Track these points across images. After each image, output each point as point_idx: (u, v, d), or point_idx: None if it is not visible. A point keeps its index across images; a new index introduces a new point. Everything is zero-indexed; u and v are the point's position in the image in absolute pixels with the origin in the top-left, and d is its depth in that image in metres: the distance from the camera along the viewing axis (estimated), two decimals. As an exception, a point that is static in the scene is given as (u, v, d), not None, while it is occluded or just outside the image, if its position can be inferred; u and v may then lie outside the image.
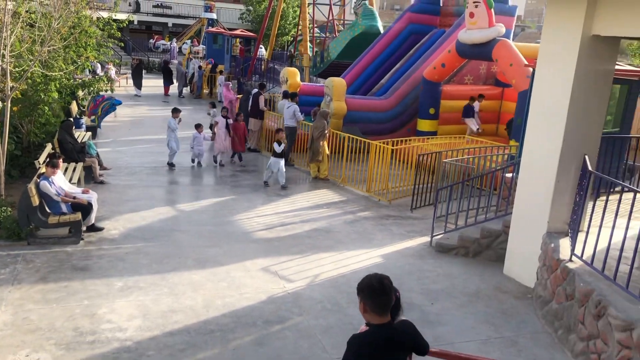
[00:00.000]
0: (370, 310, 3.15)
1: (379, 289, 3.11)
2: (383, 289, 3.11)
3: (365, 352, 3.12)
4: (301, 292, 7.48)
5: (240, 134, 14.23)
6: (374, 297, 3.12)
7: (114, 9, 14.15)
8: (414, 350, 3.37)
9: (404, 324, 3.36)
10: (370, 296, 3.12)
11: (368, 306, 3.14)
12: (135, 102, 23.52)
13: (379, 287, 3.12)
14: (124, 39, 16.12)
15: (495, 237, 9.01)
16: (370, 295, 3.13)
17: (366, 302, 3.14)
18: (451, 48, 14.93)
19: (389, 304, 3.15)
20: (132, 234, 9.10)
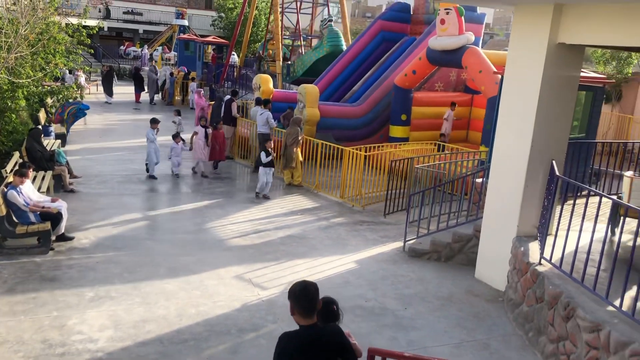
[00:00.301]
0: (296, 312, 3.49)
1: (303, 295, 3.47)
2: (306, 294, 3.47)
3: (291, 347, 3.44)
4: (275, 299, 7.47)
5: (220, 142, 14.06)
6: (298, 301, 3.47)
7: (83, 15, 13.97)
8: (341, 356, 3.58)
9: (332, 328, 3.68)
10: (296, 300, 3.48)
11: (295, 309, 3.50)
12: (106, 110, 23.22)
13: (301, 293, 3.48)
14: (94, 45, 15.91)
15: (467, 241, 9.14)
16: (295, 299, 3.48)
17: (293, 305, 3.50)
18: (422, 55, 15.13)
19: (313, 308, 3.49)
20: (103, 243, 8.97)
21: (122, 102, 25.43)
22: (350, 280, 8.24)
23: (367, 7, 75.98)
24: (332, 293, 7.66)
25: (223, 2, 43.54)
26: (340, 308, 4.00)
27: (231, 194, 12.41)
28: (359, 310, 7.31)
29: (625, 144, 11.86)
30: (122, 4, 46.96)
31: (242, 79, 26.78)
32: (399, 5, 19.25)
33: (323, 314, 3.81)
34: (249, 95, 22.94)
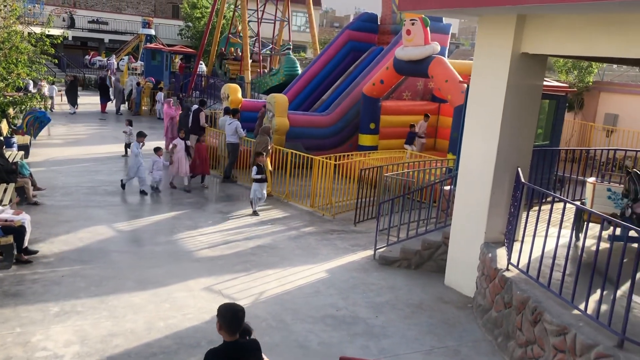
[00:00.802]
0: (224, 330, 3.84)
1: (233, 318, 3.83)
2: (237, 318, 3.85)
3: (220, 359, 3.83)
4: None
5: (204, 155, 13.65)
6: (228, 322, 3.82)
7: (47, 24, 13.72)
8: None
9: (251, 342, 4.13)
10: (224, 320, 3.82)
11: (223, 327, 3.83)
12: (71, 120, 22.79)
13: (232, 317, 3.83)
14: (58, 55, 15.58)
15: (436, 248, 9.24)
16: (225, 319, 3.82)
17: (222, 323, 3.83)
18: (389, 65, 15.30)
19: (239, 329, 3.88)
20: (69, 256, 8.77)
21: (88, 112, 25.00)
22: (321, 289, 8.23)
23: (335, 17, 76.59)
24: (303, 302, 7.68)
25: (190, 12, 43.29)
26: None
27: (200, 204, 12.29)
28: (330, 319, 7.30)
29: (588, 151, 12.19)
30: (87, 13, 46.28)
31: (210, 88, 26.63)
32: (367, 15, 19.45)
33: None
34: (217, 104, 22.82)
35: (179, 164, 13.24)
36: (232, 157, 14.32)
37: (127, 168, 13.43)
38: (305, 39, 47.63)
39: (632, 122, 18.04)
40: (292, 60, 23.02)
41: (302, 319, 7.24)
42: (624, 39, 6.18)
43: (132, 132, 16.11)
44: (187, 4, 43.97)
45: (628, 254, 6.46)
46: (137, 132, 13.25)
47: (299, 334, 6.84)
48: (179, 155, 13.26)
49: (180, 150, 13.30)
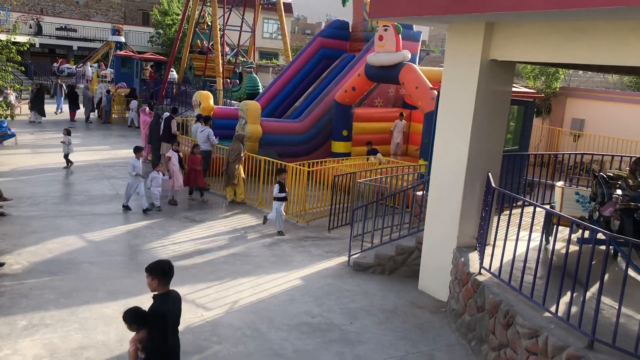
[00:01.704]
0: (162, 284, 4.71)
1: (168, 270, 4.74)
2: (170, 270, 4.76)
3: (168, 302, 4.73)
4: (220, 319, 7.34)
5: (198, 167, 13.16)
6: (165, 275, 4.72)
7: (13, 31, 13.46)
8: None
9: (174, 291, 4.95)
10: (162, 275, 4.70)
11: (160, 282, 4.70)
12: (39, 129, 22.33)
13: (168, 269, 4.74)
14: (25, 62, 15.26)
15: (409, 253, 9.30)
16: (162, 274, 4.70)
17: (159, 280, 4.69)
18: (361, 72, 15.40)
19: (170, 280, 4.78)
20: (37, 267, 8.57)
21: (56, 121, 24.55)
22: (295, 296, 8.20)
23: (307, 24, 76.79)
24: (278, 310, 7.64)
25: (161, 19, 42.94)
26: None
27: (171, 213, 12.15)
28: (305, 326, 7.27)
29: (556, 155, 12.43)
30: (55, 20, 45.48)
31: (182, 95, 26.41)
32: (338, 22, 19.56)
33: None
34: (189, 112, 22.65)
35: (175, 177, 12.80)
36: (204, 164, 14.19)
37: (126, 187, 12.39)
38: (278, 46, 47.65)
39: (597, 126, 18.48)
40: (254, 78, 23.37)
41: (277, 327, 7.20)
42: (589, 45, 6.33)
43: (71, 142, 15.53)
44: (157, 11, 43.61)
45: (596, 256, 6.59)
46: (134, 147, 12.58)
47: (274, 342, 6.80)
48: (175, 168, 12.81)
49: (176, 163, 12.85)
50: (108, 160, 17.04)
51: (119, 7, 52.81)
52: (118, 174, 15.29)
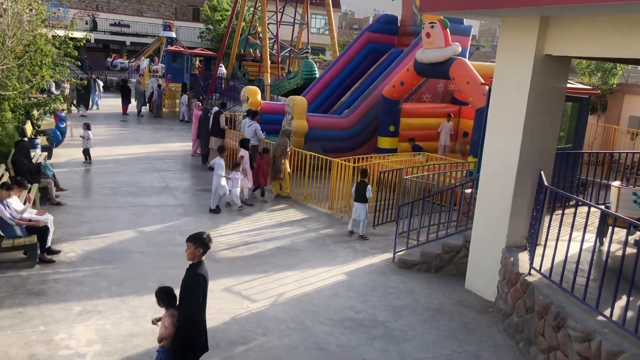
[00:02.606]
0: (202, 254, 5.19)
1: (209, 242, 5.22)
2: (210, 240, 5.24)
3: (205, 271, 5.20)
4: (265, 311, 7.42)
5: (265, 168, 13.06)
6: (207, 246, 5.20)
7: (70, 27, 13.91)
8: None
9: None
10: (206, 246, 5.19)
11: (202, 251, 5.18)
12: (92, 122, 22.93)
13: (208, 240, 5.21)
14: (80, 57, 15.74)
15: (456, 252, 9.16)
16: (205, 245, 5.19)
17: (203, 249, 5.18)
18: (409, 67, 15.22)
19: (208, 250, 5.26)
20: (90, 256, 8.87)
21: (110, 114, 25.30)
22: (339, 292, 8.21)
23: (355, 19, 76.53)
24: (322, 305, 7.66)
25: (211, 14, 43.61)
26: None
27: (220, 206, 12.33)
28: (348, 322, 7.27)
29: (612, 154, 11.99)
30: (109, 16, 46.89)
31: (230, 90, 26.77)
32: (386, 17, 19.38)
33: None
34: (237, 107, 22.94)
35: (248, 177, 12.77)
36: (251, 159, 14.34)
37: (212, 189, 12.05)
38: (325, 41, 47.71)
39: (657, 125, 17.73)
40: (310, 64, 23.07)
41: (321, 321, 7.22)
42: (651, 40, 6.07)
43: (90, 137, 15.40)
44: (207, 7, 44.31)
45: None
46: (218, 147, 12.50)
47: (318, 336, 6.83)
48: (246, 166, 12.75)
49: (247, 162, 12.79)
50: (158, 153, 17.45)
51: (171, 3, 53.93)
52: (168, 167, 15.65)
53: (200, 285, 5.08)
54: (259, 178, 13.07)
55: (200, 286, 5.08)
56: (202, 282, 5.09)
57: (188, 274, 5.17)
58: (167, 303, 5.29)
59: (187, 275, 5.16)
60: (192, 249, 5.14)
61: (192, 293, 5.08)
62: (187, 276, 5.16)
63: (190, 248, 5.16)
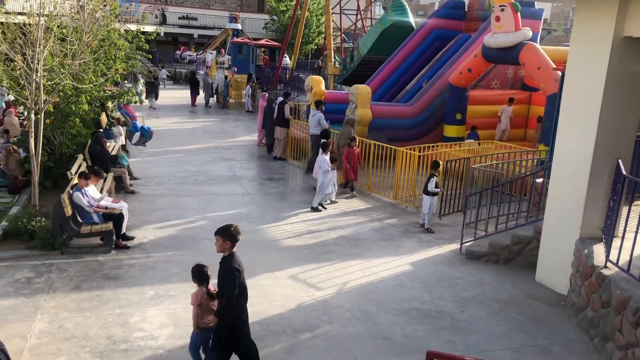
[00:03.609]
0: (232, 246, 5.28)
1: (237, 234, 5.27)
2: (238, 233, 5.30)
3: (239, 261, 5.31)
4: (330, 300, 7.47)
5: (356, 161, 12.40)
6: (235, 239, 5.27)
7: (141, 21, 14.39)
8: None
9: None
10: (234, 239, 5.26)
11: (232, 244, 5.27)
12: (163, 113, 23.70)
13: (236, 232, 5.27)
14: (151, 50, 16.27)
15: (527, 243, 8.88)
16: (233, 237, 5.26)
17: (231, 242, 5.26)
18: (477, 53, 14.81)
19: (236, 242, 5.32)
20: (162, 242, 9.21)
21: (179, 106, 26.08)
22: (405, 282, 8.15)
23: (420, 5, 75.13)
24: (387, 294, 7.63)
25: (275, 5, 44.00)
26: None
27: (284, 194, 12.50)
28: (414, 312, 7.21)
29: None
30: (178, 10, 48.18)
31: (295, 80, 26.97)
32: (453, 2, 18.88)
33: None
34: (301, 97, 23.07)
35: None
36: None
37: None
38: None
39: None
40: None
41: (387, 311, 7.20)
42: None
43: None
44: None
45: None
46: (322, 143, 12.15)
47: (383, 326, 6.82)
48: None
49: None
50: (225, 143, 17.85)
51: (236, -5, 54.76)
52: (235, 156, 15.98)
53: (236, 278, 5.15)
54: (348, 172, 12.39)
55: (236, 279, 5.15)
56: (237, 275, 5.18)
57: (221, 267, 5.23)
58: (199, 281, 5.48)
59: (221, 269, 5.23)
60: (221, 242, 5.26)
61: (228, 287, 5.14)
62: (221, 270, 5.22)
63: (219, 241, 5.27)
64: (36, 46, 9.29)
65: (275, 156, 15.93)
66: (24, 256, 8.32)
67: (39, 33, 9.28)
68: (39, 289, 7.32)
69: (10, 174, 11.59)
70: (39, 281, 7.54)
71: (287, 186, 13.38)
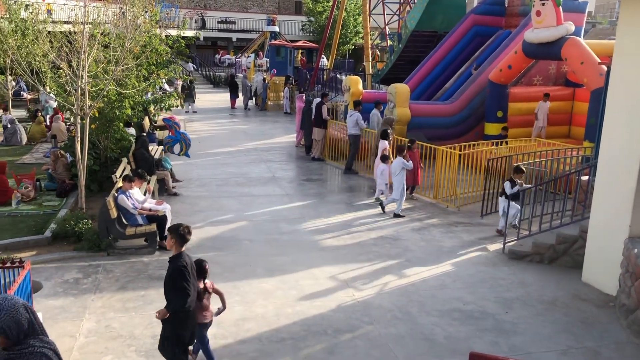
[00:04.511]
0: (179, 245, 5.22)
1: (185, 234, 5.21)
2: (187, 234, 5.24)
3: (188, 261, 5.23)
4: (370, 300, 7.44)
5: (416, 164, 11.71)
6: (182, 238, 5.20)
7: (182, 26, 14.65)
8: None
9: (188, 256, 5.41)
10: (182, 238, 5.20)
11: (177, 242, 5.21)
12: (203, 116, 24.08)
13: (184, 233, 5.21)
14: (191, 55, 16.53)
15: (572, 242, 8.64)
16: (182, 237, 5.20)
17: (177, 240, 5.20)
18: (517, 49, 14.52)
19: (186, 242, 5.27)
20: (204, 243, 9.35)
21: (219, 109, 26.44)
22: (446, 282, 8.05)
23: (458, 3, 74.03)
24: (428, 295, 7.55)
25: (312, 6, 44.14)
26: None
27: (323, 195, 12.52)
28: (456, 313, 7.12)
29: None
30: (217, 14, 48.85)
31: (332, 81, 26.98)
32: (493, -2, 18.56)
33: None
34: (338, 97, 23.06)
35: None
36: (353, 148, 14.42)
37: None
38: None
39: None
40: None
41: (428, 312, 7.13)
42: None
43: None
44: (309, 0, 44.89)
45: None
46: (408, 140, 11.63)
47: (424, 327, 6.75)
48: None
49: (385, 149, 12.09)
50: (264, 145, 18.01)
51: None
52: (274, 158, 16.10)
53: (185, 274, 5.10)
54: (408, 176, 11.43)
55: (185, 275, 5.10)
56: (185, 271, 5.11)
57: (170, 266, 5.22)
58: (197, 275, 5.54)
59: (169, 268, 5.21)
60: (169, 240, 5.23)
61: (175, 286, 5.11)
62: (169, 269, 5.21)
63: (170, 240, 5.23)
64: (81, 53, 9.57)
65: (314, 157, 15.98)
66: (72, 257, 8.58)
67: (83, 41, 9.56)
68: (87, 289, 7.54)
69: (58, 177, 11.98)
70: (87, 282, 7.76)
71: (325, 187, 13.40)
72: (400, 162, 10.95)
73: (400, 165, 10.93)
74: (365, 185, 13.46)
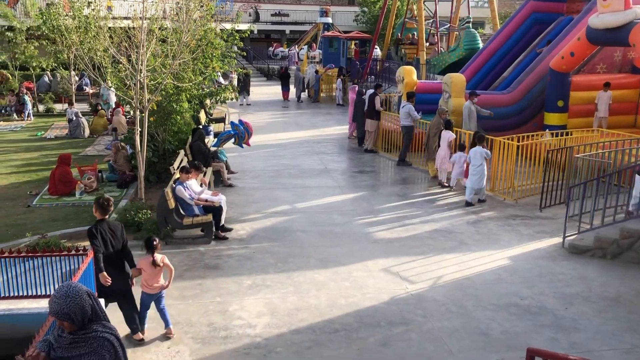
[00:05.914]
0: (99, 213, 6.10)
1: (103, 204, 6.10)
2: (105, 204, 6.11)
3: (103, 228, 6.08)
4: (424, 293, 7.36)
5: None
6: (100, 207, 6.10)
7: (236, 20, 14.82)
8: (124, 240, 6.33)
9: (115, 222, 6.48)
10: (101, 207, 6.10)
11: (98, 210, 6.10)
12: (257, 109, 24.35)
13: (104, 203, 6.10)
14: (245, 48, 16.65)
15: (637, 237, 8.28)
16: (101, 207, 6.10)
17: (96, 209, 6.12)
18: (581, 35, 13.93)
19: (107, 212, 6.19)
20: (258, 234, 9.48)
21: (271, 101, 26.69)
22: (503, 277, 7.87)
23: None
24: (484, 289, 7.41)
25: (366, -4, 43.81)
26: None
27: (376, 187, 12.45)
28: (513, 308, 6.95)
29: None
30: (270, 7, 49.20)
31: (385, 72, 26.70)
32: (553, -17, 17.88)
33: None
34: (392, 88, 22.83)
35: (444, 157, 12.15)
36: (406, 140, 14.26)
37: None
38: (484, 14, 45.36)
39: None
40: (473, 33, 21.89)
41: (484, 306, 6.99)
42: None
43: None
44: (362, -11, 44.58)
45: None
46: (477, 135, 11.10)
47: (480, 321, 6.63)
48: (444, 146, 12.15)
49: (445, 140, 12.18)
50: (317, 137, 18.05)
51: (327, -11, 55.08)
52: (326, 150, 16.13)
53: (92, 236, 5.99)
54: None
55: (95, 238, 5.97)
56: (94, 234, 5.99)
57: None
58: (146, 249, 6.38)
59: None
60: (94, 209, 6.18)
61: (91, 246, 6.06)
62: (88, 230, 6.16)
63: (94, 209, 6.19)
64: (140, 48, 9.84)
65: (366, 149, 15.89)
66: (132, 246, 8.83)
67: (142, 36, 9.83)
68: (146, 277, 7.78)
69: (119, 169, 12.42)
70: (146, 270, 8.01)
71: (378, 179, 13.32)
72: (482, 151, 10.81)
73: (483, 155, 10.80)
74: (419, 176, 13.29)
